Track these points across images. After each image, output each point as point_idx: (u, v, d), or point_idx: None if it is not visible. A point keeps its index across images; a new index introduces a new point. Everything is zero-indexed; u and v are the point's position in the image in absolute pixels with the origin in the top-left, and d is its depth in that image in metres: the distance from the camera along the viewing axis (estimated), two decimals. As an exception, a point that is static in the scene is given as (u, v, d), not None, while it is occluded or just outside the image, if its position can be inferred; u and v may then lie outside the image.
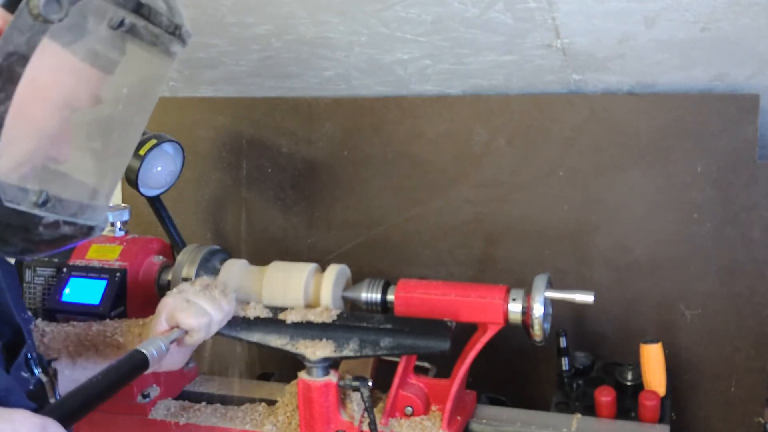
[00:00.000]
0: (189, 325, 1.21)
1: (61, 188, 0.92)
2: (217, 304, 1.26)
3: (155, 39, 0.92)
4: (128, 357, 1.09)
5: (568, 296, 1.29)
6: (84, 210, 0.95)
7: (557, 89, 1.67)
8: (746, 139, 1.56)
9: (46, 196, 0.87)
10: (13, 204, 0.85)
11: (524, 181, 1.73)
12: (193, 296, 1.24)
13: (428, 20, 1.47)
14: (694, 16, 1.35)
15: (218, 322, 1.26)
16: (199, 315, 1.22)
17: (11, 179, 0.85)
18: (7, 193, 0.84)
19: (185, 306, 1.22)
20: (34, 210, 0.87)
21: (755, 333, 1.61)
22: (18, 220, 0.86)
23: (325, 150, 1.88)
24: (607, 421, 1.39)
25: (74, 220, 0.92)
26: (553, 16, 1.40)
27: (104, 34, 0.86)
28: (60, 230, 0.90)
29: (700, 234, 1.62)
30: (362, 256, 1.87)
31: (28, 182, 0.87)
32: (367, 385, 1.26)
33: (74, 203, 0.93)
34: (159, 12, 0.90)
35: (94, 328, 1.32)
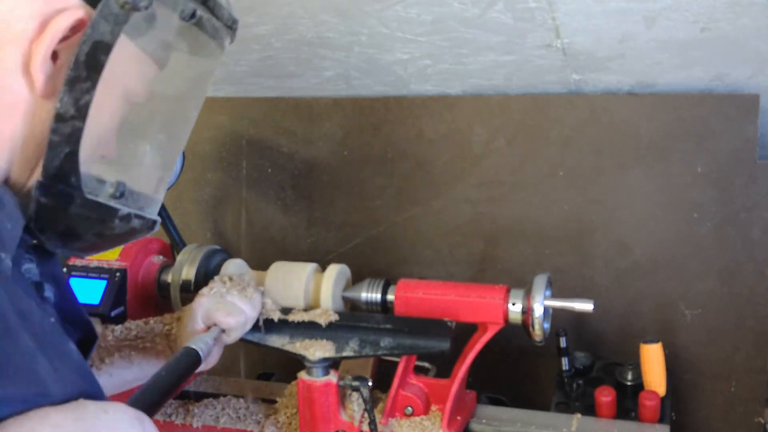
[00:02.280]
0: (227, 324, 1.23)
1: (133, 180, 0.93)
2: (250, 301, 1.28)
3: (216, 32, 0.94)
4: (183, 354, 1.11)
5: (568, 304, 1.30)
6: (149, 203, 0.96)
7: (557, 89, 1.67)
8: (746, 139, 1.56)
9: (123, 187, 0.88)
10: (92, 195, 0.85)
11: (524, 181, 1.73)
12: (227, 295, 1.26)
13: (428, 20, 1.47)
14: (694, 16, 1.35)
15: (252, 319, 1.29)
16: (236, 314, 1.24)
17: (91, 170, 0.85)
18: (87, 185, 0.85)
19: (221, 305, 1.24)
20: (111, 202, 0.87)
21: (755, 333, 1.61)
22: (95, 212, 0.86)
23: (325, 150, 1.88)
24: (607, 421, 1.39)
25: (143, 213, 0.93)
26: (553, 16, 1.40)
27: (175, 25, 0.88)
28: (131, 224, 0.91)
29: (700, 234, 1.62)
30: (362, 256, 1.87)
31: (104, 173, 0.88)
32: (367, 385, 1.26)
33: (142, 196, 0.94)
34: (221, 5, 0.93)
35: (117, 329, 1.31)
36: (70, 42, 0.80)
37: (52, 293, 0.92)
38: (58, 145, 0.81)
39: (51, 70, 0.80)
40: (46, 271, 0.93)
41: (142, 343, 1.28)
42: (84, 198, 0.84)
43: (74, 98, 0.80)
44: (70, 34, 0.80)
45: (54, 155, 0.81)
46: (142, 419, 0.81)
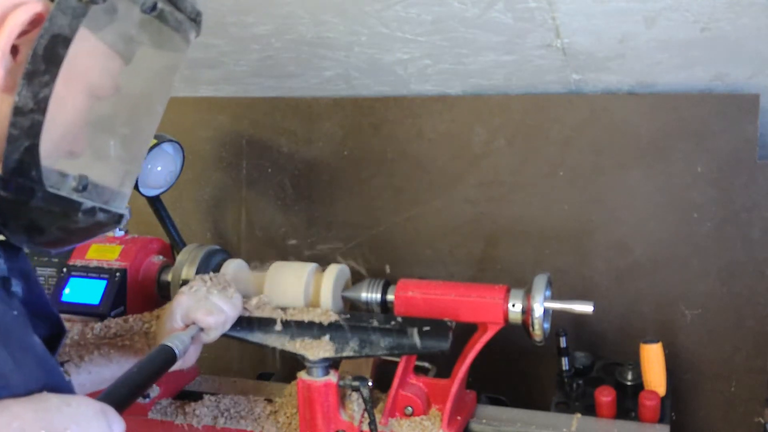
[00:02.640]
0: (207, 323, 1.23)
1: (96, 173, 0.92)
2: (230, 301, 1.28)
3: (179, 25, 0.94)
4: (158, 351, 1.11)
5: (567, 306, 1.30)
6: (115, 197, 0.96)
7: (557, 89, 1.67)
8: (746, 139, 1.56)
9: (86, 181, 0.88)
10: (54, 189, 0.85)
11: (524, 181, 1.73)
12: (207, 294, 1.26)
13: (428, 20, 1.47)
14: (694, 16, 1.35)
15: (232, 318, 1.28)
16: (215, 313, 1.24)
17: (53, 163, 0.85)
18: (49, 179, 0.84)
19: (201, 304, 1.24)
20: (73, 195, 0.87)
21: (755, 333, 1.61)
22: (58, 206, 0.86)
23: (325, 150, 1.88)
24: (607, 421, 1.39)
25: (108, 207, 0.93)
26: (553, 16, 1.40)
27: (136, 18, 0.88)
28: (96, 217, 0.91)
29: (700, 234, 1.62)
30: (362, 256, 1.87)
31: (67, 167, 0.87)
32: (367, 385, 1.26)
33: (107, 190, 0.94)
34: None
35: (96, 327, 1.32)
36: (30, 36, 0.80)
37: (20, 288, 0.92)
38: (17, 138, 0.80)
39: (11, 64, 0.80)
40: (14, 266, 0.93)
41: (121, 341, 1.28)
42: (46, 191, 0.84)
43: (33, 92, 0.80)
44: (29, 28, 0.80)
45: (13, 149, 0.80)
46: (106, 412, 0.82)
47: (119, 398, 0.96)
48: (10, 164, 0.81)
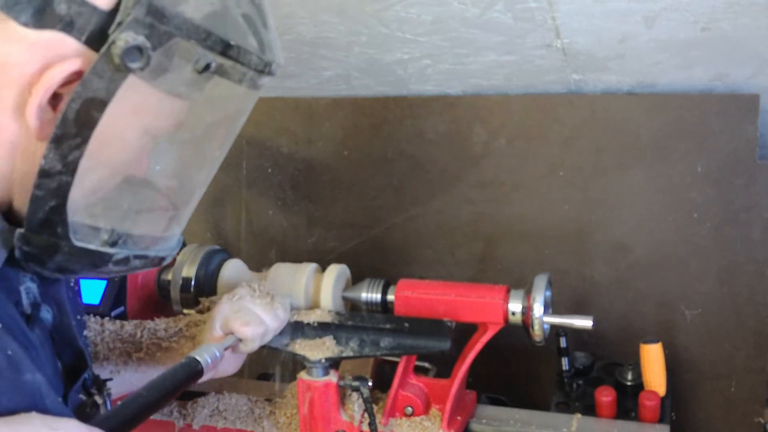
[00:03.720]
0: (244, 335, 1.18)
1: (134, 224, 0.89)
2: (273, 312, 1.22)
3: (242, 77, 0.86)
4: (183, 365, 1.06)
5: (567, 321, 1.30)
6: (156, 242, 0.93)
7: (557, 89, 1.67)
8: (746, 139, 1.56)
9: (117, 234, 0.86)
10: (83, 243, 0.82)
11: (524, 181, 1.73)
12: (249, 303, 1.21)
13: (428, 20, 1.47)
14: (694, 16, 1.35)
15: (273, 330, 1.24)
16: (255, 324, 1.19)
17: (83, 218, 0.83)
18: (78, 233, 0.82)
19: (241, 314, 1.19)
20: (104, 248, 0.85)
21: (755, 333, 1.61)
22: (87, 257, 0.84)
23: (325, 150, 1.88)
24: (607, 421, 1.39)
25: (145, 253, 0.90)
26: (553, 16, 1.40)
27: (189, 75, 0.81)
28: (130, 264, 0.88)
29: (700, 234, 1.61)
30: (362, 256, 1.87)
31: (99, 221, 0.85)
32: (367, 385, 1.26)
33: (147, 237, 0.91)
34: (249, 51, 0.85)
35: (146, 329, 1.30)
36: (73, 85, 0.76)
37: (50, 315, 0.91)
38: (41, 199, 0.78)
39: (48, 114, 0.77)
40: (49, 292, 0.91)
41: (168, 342, 1.26)
42: (73, 246, 0.82)
43: (61, 154, 0.77)
44: (73, 78, 0.76)
45: (37, 208, 0.78)
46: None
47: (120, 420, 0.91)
48: (33, 223, 0.79)
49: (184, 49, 0.79)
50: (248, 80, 0.87)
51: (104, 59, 0.75)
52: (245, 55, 0.84)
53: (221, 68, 0.83)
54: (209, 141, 0.96)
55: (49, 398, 0.80)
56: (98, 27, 0.75)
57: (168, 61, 0.79)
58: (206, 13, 0.80)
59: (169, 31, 0.77)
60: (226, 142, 0.97)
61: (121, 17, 0.75)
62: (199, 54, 0.80)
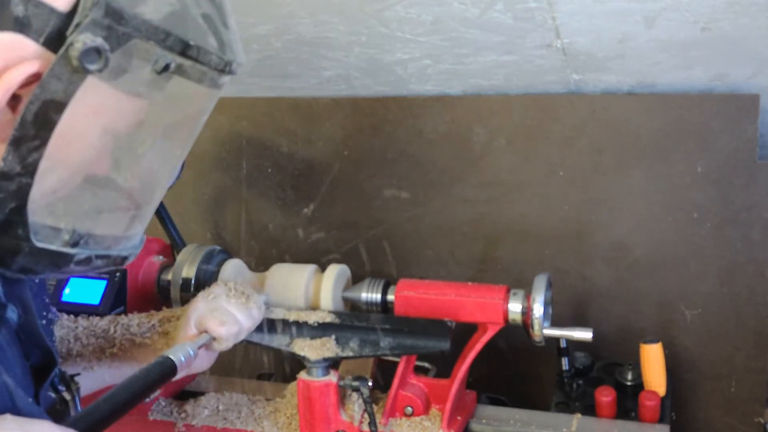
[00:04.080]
0: (218, 333, 1.19)
1: (95, 224, 0.89)
2: (247, 311, 1.23)
3: (202, 77, 0.86)
4: (157, 363, 1.06)
5: (567, 333, 1.32)
6: (119, 241, 0.92)
7: (557, 89, 1.67)
8: (746, 139, 1.56)
9: (78, 235, 0.85)
10: (44, 244, 0.82)
11: (524, 181, 1.73)
12: (224, 302, 1.22)
13: (428, 20, 1.47)
14: (694, 16, 1.35)
15: (247, 329, 1.24)
16: (229, 323, 1.20)
17: (43, 219, 0.82)
18: (39, 233, 0.81)
19: (216, 313, 1.20)
20: (65, 249, 0.84)
21: (755, 333, 1.61)
22: (48, 258, 0.84)
23: (325, 150, 1.88)
24: (607, 421, 1.39)
25: (107, 252, 0.90)
26: (553, 16, 1.40)
27: (148, 76, 0.81)
28: (92, 263, 0.88)
29: (700, 234, 1.61)
30: (362, 256, 1.87)
31: (60, 221, 0.84)
32: (367, 385, 1.26)
33: (109, 237, 0.91)
34: (208, 51, 0.84)
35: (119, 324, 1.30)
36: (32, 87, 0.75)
37: (15, 315, 0.91)
38: (1, 201, 0.77)
39: (7, 116, 0.76)
40: (13, 292, 0.91)
41: (141, 338, 1.27)
42: (33, 246, 0.81)
43: (20, 156, 0.76)
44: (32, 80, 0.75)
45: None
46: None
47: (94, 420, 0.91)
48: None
49: (142, 50, 0.78)
50: (208, 80, 0.87)
51: (62, 61, 0.74)
52: (205, 54, 0.84)
53: (181, 68, 0.82)
54: (170, 140, 0.96)
55: (19, 398, 0.80)
56: (56, 28, 0.74)
57: (127, 62, 0.78)
58: (165, 14, 0.79)
59: (128, 33, 0.76)
60: (187, 141, 0.97)
61: (78, 18, 0.74)
62: (158, 55, 0.80)
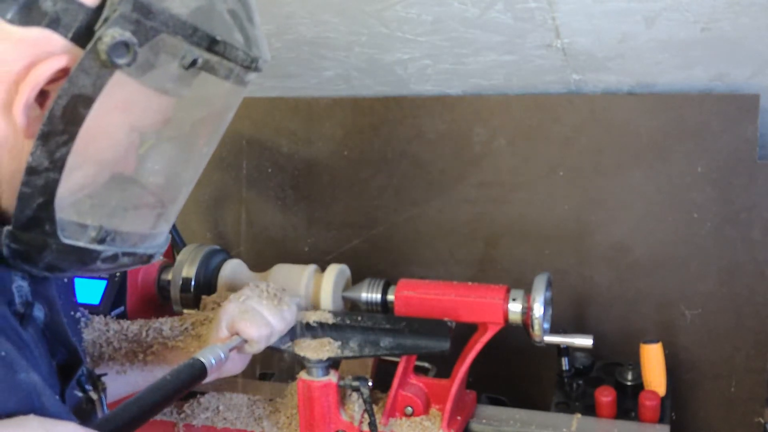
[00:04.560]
0: (250, 336, 1.18)
1: (122, 221, 0.89)
2: (279, 313, 1.22)
3: (229, 73, 0.86)
4: (187, 366, 1.05)
5: (568, 340, 1.33)
6: (144, 239, 0.93)
7: (557, 89, 1.67)
8: (746, 139, 1.56)
9: (105, 231, 0.86)
10: (71, 240, 0.83)
11: (524, 181, 1.73)
12: (256, 304, 1.20)
13: (428, 20, 1.47)
14: (694, 16, 1.35)
15: (279, 332, 1.23)
16: (261, 325, 1.19)
17: (70, 216, 0.83)
18: (66, 230, 0.82)
19: (247, 315, 1.18)
20: (92, 245, 0.85)
21: (755, 333, 1.61)
22: (75, 254, 0.84)
23: (325, 150, 1.88)
24: (607, 421, 1.39)
25: (134, 250, 0.90)
26: (553, 16, 1.40)
27: (175, 71, 0.81)
28: (118, 261, 0.89)
29: (700, 234, 1.61)
30: (362, 256, 1.87)
31: (87, 218, 0.85)
32: (367, 385, 1.26)
33: (135, 234, 0.91)
34: (235, 47, 0.85)
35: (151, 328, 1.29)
36: (60, 83, 0.76)
37: (42, 313, 0.91)
38: (29, 196, 0.78)
39: (36, 111, 0.77)
40: (39, 290, 0.91)
41: (173, 342, 1.26)
42: (60, 243, 0.82)
43: (48, 151, 0.77)
44: (60, 75, 0.76)
45: (25, 206, 0.78)
46: None
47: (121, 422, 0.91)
48: (21, 220, 0.79)
49: (170, 44, 0.79)
50: (235, 76, 0.87)
51: (91, 55, 0.75)
52: (231, 50, 0.84)
53: (207, 64, 0.83)
54: (196, 137, 0.96)
55: (46, 397, 0.80)
56: (84, 23, 0.75)
57: (154, 57, 0.79)
58: (192, 9, 0.80)
59: (156, 27, 0.77)
60: (213, 139, 0.97)
61: (107, 13, 0.74)
62: (186, 50, 0.80)
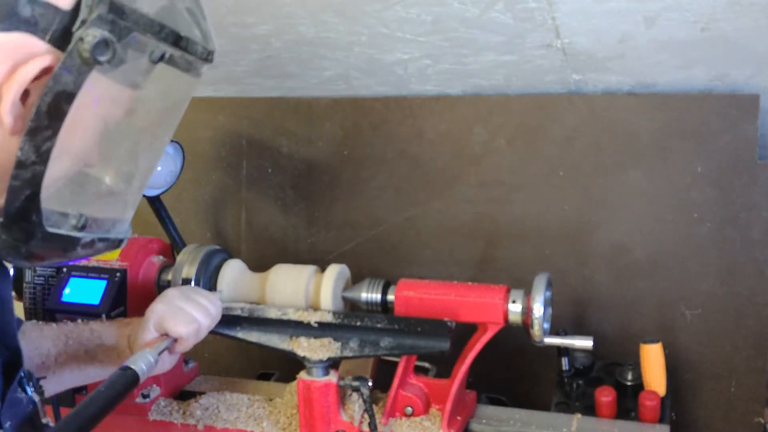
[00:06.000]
0: (178, 333, 1.22)
1: (97, 208, 0.95)
2: (204, 309, 1.26)
3: (189, 66, 0.95)
4: (119, 375, 1.10)
5: (568, 341, 1.33)
6: (116, 225, 0.98)
7: (557, 89, 1.67)
8: (746, 139, 1.56)
9: (85, 219, 0.91)
10: (54, 228, 0.87)
11: (524, 181, 1.73)
12: (181, 303, 1.25)
13: (428, 20, 1.47)
14: (694, 16, 1.35)
15: (207, 327, 1.27)
16: (187, 322, 1.23)
17: (53, 205, 0.87)
18: (49, 219, 0.86)
19: (173, 314, 1.23)
20: (73, 233, 0.90)
21: (755, 333, 1.61)
22: (58, 242, 0.89)
23: (325, 150, 1.88)
24: (607, 421, 1.39)
25: (107, 235, 0.96)
26: (553, 16, 1.40)
27: (145, 66, 0.89)
28: (94, 247, 0.94)
29: (700, 234, 1.62)
30: (362, 256, 1.87)
31: (68, 207, 0.89)
32: (367, 385, 1.26)
33: (108, 220, 0.97)
34: (195, 42, 0.93)
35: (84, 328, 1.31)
36: (41, 81, 0.81)
37: None
38: (19, 189, 0.82)
39: (20, 110, 0.81)
40: None
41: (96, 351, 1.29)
42: (45, 232, 0.86)
43: (35, 146, 0.81)
44: (41, 74, 0.81)
45: (14, 198, 0.82)
46: None
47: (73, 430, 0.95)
48: (11, 212, 0.83)
49: (141, 42, 0.86)
50: (193, 69, 0.96)
51: (73, 54, 0.80)
52: (192, 45, 0.93)
53: (172, 58, 0.91)
54: (158, 127, 1.03)
55: None
56: (61, 26, 0.80)
57: (127, 54, 0.85)
58: (158, 8, 0.87)
59: (129, 26, 0.84)
60: (170, 128, 1.05)
61: (84, 15, 0.80)
62: (154, 46, 0.88)
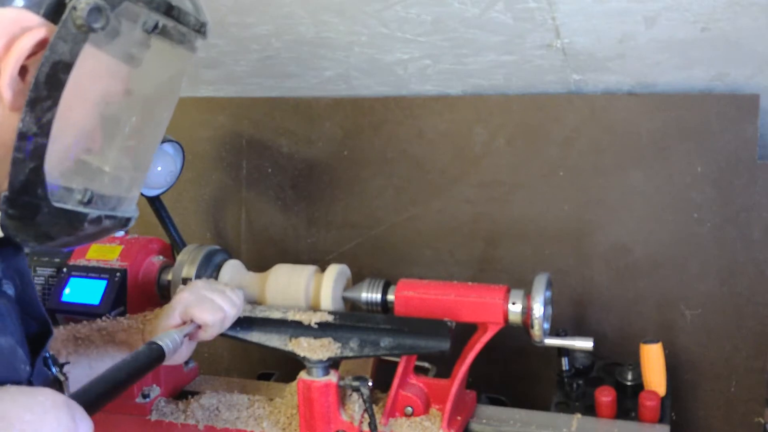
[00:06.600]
0: (204, 320, 1.24)
1: (102, 184, 0.95)
2: (229, 299, 1.29)
3: (183, 37, 0.96)
4: (145, 349, 1.11)
5: (568, 342, 1.34)
6: (121, 202, 0.99)
7: (557, 89, 1.67)
8: (746, 139, 1.56)
9: (91, 194, 0.91)
10: (60, 203, 0.88)
11: (524, 181, 1.73)
12: (206, 292, 1.27)
13: (428, 20, 1.47)
14: (694, 16, 1.35)
15: (231, 317, 1.29)
16: (214, 310, 1.25)
17: (57, 180, 0.88)
18: (54, 194, 0.87)
19: (200, 302, 1.25)
20: (79, 208, 0.90)
21: (755, 333, 1.61)
22: (65, 218, 0.89)
23: (325, 150, 1.88)
24: (607, 421, 1.39)
25: (114, 213, 0.96)
26: (553, 16, 1.40)
27: (138, 36, 0.90)
28: (102, 224, 0.94)
29: (700, 234, 1.62)
30: (362, 256, 1.87)
31: (72, 182, 0.90)
32: (367, 385, 1.26)
33: (114, 197, 0.97)
34: (187, 12, 0.94)
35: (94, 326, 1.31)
36: (37, 57, 0.82)
37: (11, 288, 0.96)
38: (22, 161, 0.83)
39: (19, 85, 0.82)
40: (10, 265, 0.97)
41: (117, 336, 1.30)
42: (51, 206, 0.87)
43: (36, 117, 0.82)
44: (37, 50, 0.82)
45: (19, 171, 0.83)
46: (71, 406, 0.83)
47: (92, 396, 0.96)
48: (16, 185, 0.84)
49: (132, 11, 0.87)
50: (187, 41, 0.97)
51: (68, 23, 0.82)
52: (185, 15, 0.94)
53: (165, 29, 0.92)
54: (157, 103, 1.04)
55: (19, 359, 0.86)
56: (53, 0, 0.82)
57: (120, 24, 0.87)
58: None
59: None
60: (170, 104, 1.05)
61: None
62: (146, 15, 0.89)
